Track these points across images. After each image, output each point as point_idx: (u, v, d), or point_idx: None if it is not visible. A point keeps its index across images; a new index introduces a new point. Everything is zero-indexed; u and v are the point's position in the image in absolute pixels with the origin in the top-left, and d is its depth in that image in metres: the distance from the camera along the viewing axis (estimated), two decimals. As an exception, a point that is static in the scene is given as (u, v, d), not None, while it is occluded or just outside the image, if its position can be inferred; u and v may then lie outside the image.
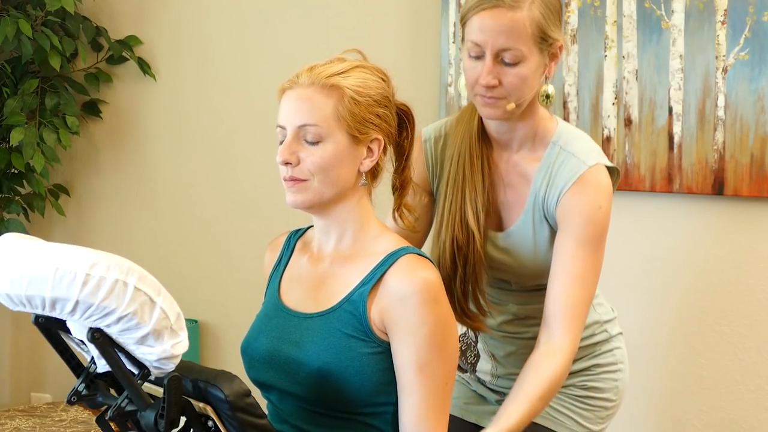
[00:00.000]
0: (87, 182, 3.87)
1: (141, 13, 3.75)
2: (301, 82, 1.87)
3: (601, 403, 2.21)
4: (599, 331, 2.22)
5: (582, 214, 2.03)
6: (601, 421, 2.22)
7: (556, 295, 2.02)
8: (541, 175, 2.07)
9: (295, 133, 1.86)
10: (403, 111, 1.96)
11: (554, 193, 2.05)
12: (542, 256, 2.09)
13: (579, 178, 2.03)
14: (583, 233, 2.02)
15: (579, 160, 2.05)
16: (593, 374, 2.21)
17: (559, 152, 2.06)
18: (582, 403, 2.19)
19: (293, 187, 1.88)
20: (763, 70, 2.86)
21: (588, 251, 2.03)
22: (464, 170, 2.11)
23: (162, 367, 1.62)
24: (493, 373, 2.25)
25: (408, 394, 1.83)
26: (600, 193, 2.04)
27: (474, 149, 2.10)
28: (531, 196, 2.08)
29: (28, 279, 1.55)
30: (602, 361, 2.21)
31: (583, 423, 2.19)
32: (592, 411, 2.20)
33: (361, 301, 1.84)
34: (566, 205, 2.03)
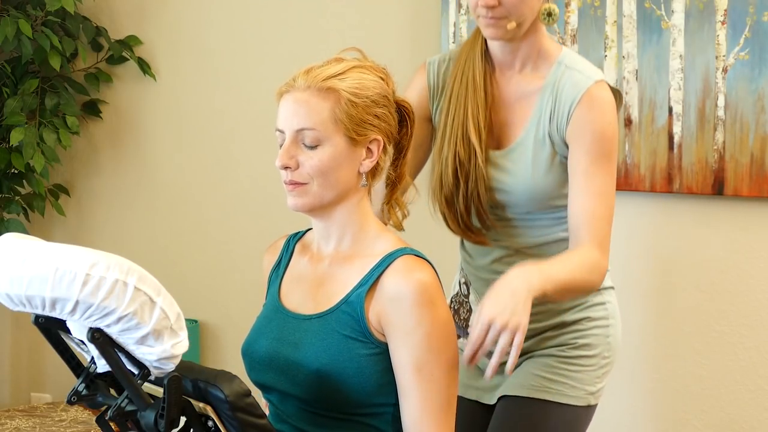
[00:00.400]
0: (87, 182, 3.87)
1: (141, 13, 3.75)
2: (298, 85, 1.87)
3: (594, 361, 2.20)
4: None
5: (594, 130, 2.08)
6: (598, 381, 2.21)
7: (578, 210, 2.08)
8: (546, 93, 2.12)
9: (294, 137, 1.86)
10: (403, 107, 1.95)
11: (563, 110, 2.10)
12: (540, 176, 2.12)
13: (586, 92, 2.08)
14: (596, 149, 2.08)
15: (584, 76, 2.11)
16: (584, 330, 2.20)
17: (565, 70, 2.12)
18: (575, 365, 2.19)
19: (293, 191, 1.88)
20: (763, 70, 2.86)
21: (603, 167, 2.09)
22: (467, 87, 2.15)
23: (162, 367, 1.62)
24: None
25: (407, 395, 1.82)
26: (609, 108, 2.10)
27: (477, 68, 2.16)
28: (534, 115, 2.12)
29: (28, 279, 1.55)
30: (593, 314, 2.20)
31: (579, 386, 2.18)
32: (587, 371, 2.19)
33: (359, 302, 1.84)
34: (577, 123, 2.09)
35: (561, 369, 2.18)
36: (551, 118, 2.11)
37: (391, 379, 1.84)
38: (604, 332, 2.21)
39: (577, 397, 2.18)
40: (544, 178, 2.12)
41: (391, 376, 1.84)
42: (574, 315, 2.20)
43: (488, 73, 2.16)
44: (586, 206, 2.08)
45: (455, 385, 1.85)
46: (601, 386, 2.22)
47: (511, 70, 2.16)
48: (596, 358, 2.20)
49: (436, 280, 1.85)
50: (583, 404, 2.18)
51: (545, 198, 2.14)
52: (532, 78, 2.14)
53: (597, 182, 2.08)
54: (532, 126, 2.13)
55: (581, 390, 2.18)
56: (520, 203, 2.15)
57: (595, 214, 2.08)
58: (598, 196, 2.08)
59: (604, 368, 2.22)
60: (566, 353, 2.18)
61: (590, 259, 2.06)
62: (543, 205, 2.15)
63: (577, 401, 2.18)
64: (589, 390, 2.19)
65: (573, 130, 2.09)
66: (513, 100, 2.15)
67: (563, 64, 2.13)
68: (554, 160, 2.13)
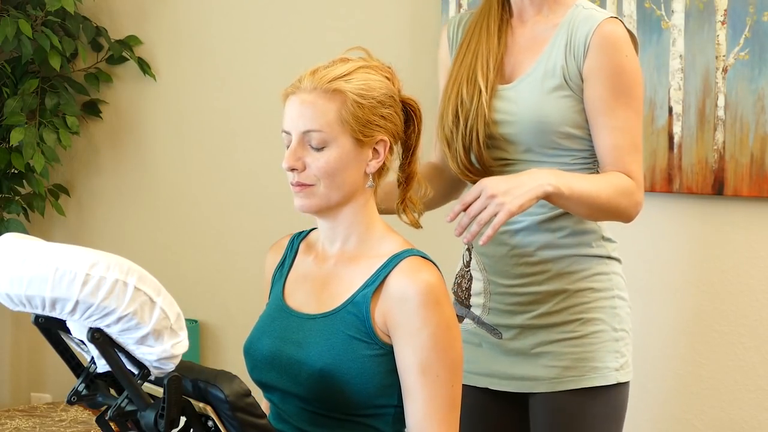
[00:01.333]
0: (87, 182, 3.87)
1: (141, 13, 3.75)
2: (304, 86, 1.87)
3: (605, 336, 2.16)
4: (599, 244, 2.18)
5: (610, 64, 2.08)
6: (619, 355, 2.17)
7: (603, 147, 2.08)
8: (561, 31, 2.12)
9: (300, 139, 1.87)
10: (410, 106, 1.96)
11: (579, 44, 2.09)
12: (545, 103, 2.10)
13: (600, 25, 2.08)
14: (615, 84, 2.08)
15: (599, 13, 2.11)
16: (588, 302, 2.15)
17: (581, 11, 2.13)
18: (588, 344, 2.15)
19: (300, 193, 1.88)
20: (763, 70, 2.86)
21: (623, 102, 2.08)
22: (480, 34, 2.17)
23: (162, 367, 1.62)
24: (486, 290, 2.21)
25: (412, 397, 1.82)
26: (624, 42, 2.09)
27: (494, 15, 2.18)
28: (546, 50, 2.13)
29: (28, 279, 1.55)
30: (597, 285, 2.16)
31: (600, 365, 2.15)
32: (601, 347, 2.15)
33: (365, 303, 1.84)
34: (594, 57, 2.08)
35: (575, 353, 2.14)
36: (567, 52, 2.10)
37: (393, 381, 1.84)
38: (610, 304, 2.17)
39: (602, 377, 2.15)
40: (549, 105, 2.10)
41: (394, 378, 1.84)
42: (577, 284, 2.15)
43: (505, 20, 2.18)
44: (609, 142, 2.08)
45: (460, 386, 1.85)
46: (624, 360, 2.18)
47: (527, 14, 2.17)
48: (607, 332, 2.16)
49: (442, 281, 1.85)
50: (611, 382, 2.15)
51: (548, 130, 2.10)
52: (549, 20, 2.15)
53: (619, 117, 2.08)
54: (543, 58, 2.12)
55: (603, 369, 2.15)
56: (521, 135, 2.12)
57: (622, 148, 2.08)
58: (621, 131, 2.08)
59: (619, 342, 2.18)
60: (575, 333, 2.15)
61: (622, 183, 2.06)
62: (545, 140, 2.11)
63: (604, 380, 2.14)
64: (612, 366, 2.16)
65: (590, 65, 2.09)
66: (528, 44, 2.16)
67: (580, 6, 2.14)
68: (562, 91, 2.11)
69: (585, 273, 2.16)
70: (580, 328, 2.15)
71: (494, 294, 2.19)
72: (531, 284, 2.16)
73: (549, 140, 2.11)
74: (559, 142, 2.11)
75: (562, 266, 2.14)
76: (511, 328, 2.18)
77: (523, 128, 2.11)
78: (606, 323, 2.16)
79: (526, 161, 2.13)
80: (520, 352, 2.17)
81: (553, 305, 2.15)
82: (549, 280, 2.15)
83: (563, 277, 2.15)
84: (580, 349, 2.14)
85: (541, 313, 2.16)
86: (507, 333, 2.18)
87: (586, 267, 2.16)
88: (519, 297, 2.17)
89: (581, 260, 2.15)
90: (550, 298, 2.15)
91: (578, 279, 2.15)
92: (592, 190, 2.03)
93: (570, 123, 2.11)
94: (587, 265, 2.16)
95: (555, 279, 2.15)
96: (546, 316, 2.15)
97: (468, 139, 2.13)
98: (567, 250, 2.15)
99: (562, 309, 2.15)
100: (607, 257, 2.18)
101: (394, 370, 1.84)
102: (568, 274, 2.15)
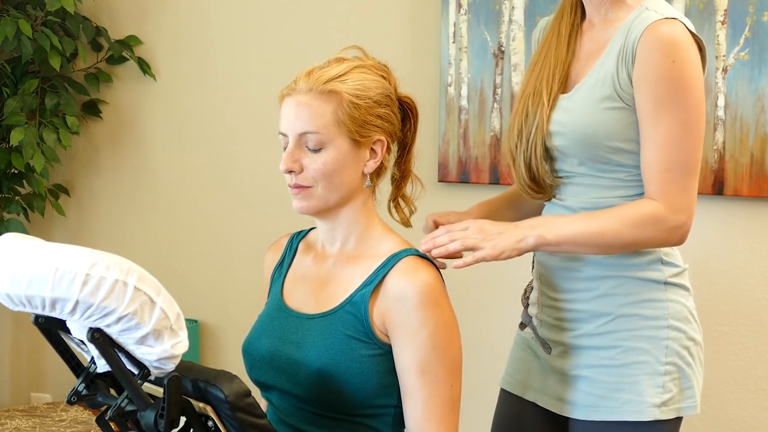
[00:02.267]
0: (87, 182, 3.87)
1: (141, 13, 3.75)
2: (300, 88, 1.86)
3: (649, 368, 1.99)
4: (654, 267, 2.02)
5: (654, 69, 1.91)
6: (661, 391, 1.99)
7: (646, 164, 1.93)
8: (619, 34, 1.98)
9: (297, 141, 1.87)
10: (406, 103, 1.95)
11: (629, 47, 1.95)
12: (594, 114, 1.97)
13: (650, 26, 1.92)
14: (659, 92, 1.91)
15: (657, 13, 1.95)
16: (633, 329, 2.00)
17: (643, 11, 1.97)
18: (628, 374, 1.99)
19: (298, 194, 1.88)
20: (763, 70, 2.86)
21: (668, 113, 1.91)
22: (551, 41, 2.07)
23: (162, 367, 1.62)
24: (539, 301, 2.11)
25: (411, 397, 1.82)
26: (673, 45, 1.90)
27: (566, 20, 2.07)
28: (602, 57, 2.00)
29: (28, 279, 1.55)
30: (646, 311, 2.00)
31: (638, 398, 1.99)
32: (642, 380, 1.99)
33: (363, 302, 1.84)
34: (640, 61, 1.92)
35: (612, 382, 2.00)
36: (619, 59, 1.96)
37: (392, 381, 1.84)
38: (660, 334, 1.99)
39: (638, 411, 1.99)
40: (597, 117, 1.96)
41: (392, 378, 1.84)
42: (624, 308, 2.00)
43: (576, 25, 2.07)
44: (651, 158, 1.92)
45: (459, 386, 1.85)
46: (668, 396, 1.99)
47: (596, 17, 2.05)
48: (650, 364, 1.99)
49: (440, 280, 1.85)
50: (646, 418, 1.98)
51: (596, 143, 1.97)
52: (611, 23, 2.02)
53: (662, 130, 1.91)
54: (598, 65, 1.99)
55: (641, 403, 1.98)
56: (572, 148, 2.00)
57: (660, 164, 1.91)
58: (664, 147, 1.90)
59: (665, 376, 2.00)
60: (614, 361, 2.00)
61: (636, 213, 1.91)
62: (594, 154, 1.98)
63: (639, 415, 1.98)
64: (651, 401, 1.98)
65: (637, 69, 1.93)
66: (592, 49, 2.04)
67: (644, 6, 1.98)
68: (612, 102, 1.96)
69: (633, 297, 2.00)
70: (620, 356, 2.00)
71: (545, 306, 2.10)
72: (577, 301, 2.04)
73: (598, 154, 1.98)
74: (608, 156, 1.98)
75: (609, 286, 2.01)
76: (558, 345, 2.07)
77: (573, 140, 1.99)
78: (650, 354, 1.99)
79: (581, 174, 2.02)
80: (562, 371, 2.06)
81: (596, 327, 2.02)
82: (595, 300, 2.02)
83: (610, 298, 2.01)
84: (617, 378, 2.00)
85: (582, 333, 2.04)
86: (555, 349, 2.08)
87: (636, 291, 2.01)
88: (565, 312, 2.05)
89: (630, 282, 2.01)
90: (594, 319, 2.02)
91: (625, 303, 2.01)
92: (592, 230, 1.92)
93: (619, 137, 1.96)
94: (637, 289, 2.01)
95: (601, 299, 2.02)
96: (588, 337, 2.03)
97: (528, 152, 2.04)
98: (616, 270, 2.01)
99: (605, 332, 2.01)
100: (664, 282, 2.01)
101: (392, 370, 1.84)
102: (615, 296, 2.01)
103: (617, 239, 1.93)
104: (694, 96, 1.92)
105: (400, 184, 1.99)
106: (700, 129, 1.94)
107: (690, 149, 1.93)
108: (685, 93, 1.91)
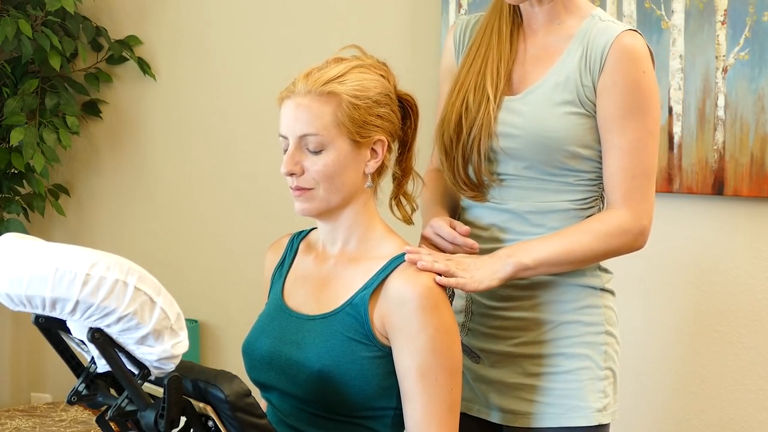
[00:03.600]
0: (87, 182, 3.87)
1: (141, 13, 3.75)
2: (298, 90, 1.86)
3: (591, 373, 2.02)
4: (594, 274, 2.05)
5: (625, 79, 1.96)
6: (603, 396, 2.03)
7: (611, 170, 1.98)
8: (576, 42, 2.01)
9: (297, 143, 1.86)
10: (407, 101, 1.95)
11: (595, 57, 1.98)
12: (552, 118, 1.99)
13: (618, 38, 1.97)
14: (629, 100, 1.96)
15: (617, 25, 2.00)
16: (575, 336, 2.03)
17: (598, 21, 2.02)
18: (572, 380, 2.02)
19: (300, 197, 1.88)
20: (763, 70, 2.86)
21: (636, 121, 1.96)
22: (490, 38, 2.08)
23: (162, 367, 1.62)
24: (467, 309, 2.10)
25: (410, 400, 1.82)
26: (642, 58, 1.97)
27: (505, 21, 2.08)
28: (559, 62, 2.02)
29: (28, 279, 1.55)
30: (587, 318, 2.03)
31: (583, 404, 2.01)
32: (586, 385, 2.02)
33: (363, 305, 1.84)
34: (609, 71, 1.97)
35: (558, 389, 2.02)
36: (582, 65, 1.99)
37: (392, 383, 1.84)
38: (599, 340, 2.04)
39: (583, 417, 2.02)
40: (556, 121, 1.98)
41: (392, 380, 1.84)
42: (566, 315, 2.03)
43: (517, 25, 2.08)
44: (617, 165, 1.97)
45: (459, 390, 1.84)
46: (607, 401, 2.04)
47: (537, 23, 2.06)
48: (592, 370, 2.03)
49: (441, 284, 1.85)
50: (591, 423, 2.01)
51: (553, 147, 1.98)
52: (561, 30, 2.04)
53: (629, 137, 1.96)
54: (555, 71, 2.01)
55: (585, 408, 2.02)
56: (524, 151, 2.00)
57: (627, 171, 1.96)
58: (630, 154, 1.96)
59: (604, 381, 2.04)
60: (559, 368, 2.02)
61: (604, 226, 1.96)
62: (550, 157, 1.99)
63: (584, 420, 2.01)
64: (594, 406, 2.02)
65: (605, 79, 1.97)
66: (539, 54, 2.05)
67: (597, 17, 2.03)
68: (572, 107, 1.99)
69: (575, 304, 2.03)
70: (564, 363, 2.02)
71: (476, 315, 2.08)
72: (517, 309, 2.04)
73: (553, 158, 2.00)
74: (564, 161, 2.00)
75: (551, 294, 2.03)
76: (491, 354, 2.06)
77: (527, 143, 2.00)
78: (591, 360, 2.03)
79: (526, 177, 2.02)
80: (499, 381, 2.06)
81: (538, 334, 2.03)
82: (536, 307, 2.03)
83: (552, 305, 2.03)
84: (563, 385, 2.02)
85: (524, 341, 2.04)
86: (488, 358, 2.07)
87: (577, 298, 2.04)
88: (503, 321, 2.05)
89: (573, 290, 2.03)
90: (536, 327, 2.03)
91: (568, 310, 2.03)
92: (564, 248, 1.95)
93: (577, 142, 1.99)
94: (578, 295, 2.04)
95: (543, 306, 2.03)
96: (530, 345, 2.04)
97: (469, 149, 2.03)
98: (559, 277, 2.02)
99: (548, 340, 2.03)
100: (601, 289, 2.06)
101: (392, 372, 1.84)
102: (558, 303, 2.03)
103: (590, 254, 1.97)
104: (657, 105, 2.00)
105: (402, 182, 1.99)
106: (658, 137, 2.01)
107: (653, 156, 1.99)
108: (651, 102, 1.98)
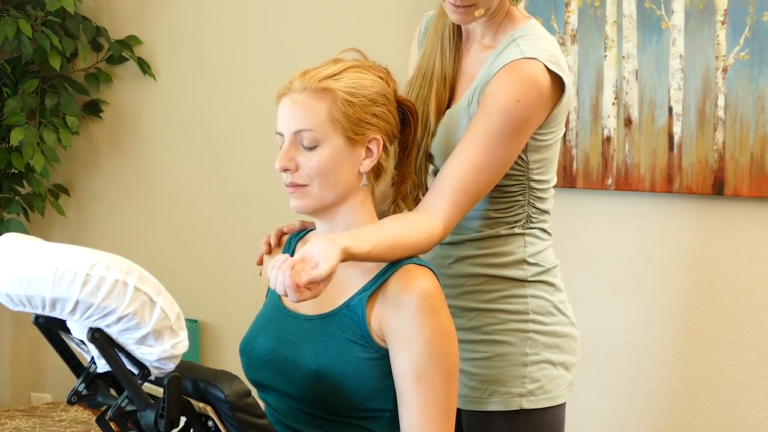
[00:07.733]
0: (87, 182, 3.87)
1: (141, 13, 3.75)
2: (295, 87, 1.87)
3: (512, 359, 2.06)
4: (518, 267, 2.08)
5: (497, 102, 1.94)
6: (527, 381, 2.06)
7: (448, 173, 1.94)
8: (487, 63, 2.02)
9: (292, 139, 1.87)
10: (406, 106, 1.95)
11: (488, 79, 1.98)
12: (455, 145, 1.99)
13: (509, 64, 1.95)
14: (492, 122, 1.94)
15: (520, 51, 1.97)
16: (497, 324, 2.06)
17: (510, 43, 2.01)
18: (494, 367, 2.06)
19: (294, 193, 1.88)
20: (763, 70, 2.86)
21: (493, 143, 1.93)
22: (434, 65, 2.10)
23: (162, 367, 1.62)
24: None
25: (407, 403, 1.82)
26: (524, 85, 1.94)
27: (446, 44, 2.09)
28: (474, 82, 2.03)
29: (28, 279, 1.55)
30: (509, 307, 2.06)
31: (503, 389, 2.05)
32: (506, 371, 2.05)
33: (361, 307, 1.84)
34: (487, 90, 1.96)
35: (482, 375, 2.06)
36: (477, 87, 2.01)
37: (389, 385, 1.84)
38: (523, 327, 2.06)
39: (503, 402, 2.06)
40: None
41: (389, 382, 1.84)
42: (489, 304, 2.06)
43: (457, 46, 2.09)
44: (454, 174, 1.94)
45: (455, 393, 1.84)
46: (534, 386, 2.06)
47: (473, 40, 2.09)
48: (515, 356, 2.06)
49: (439, 288, 1.85)
50: (512, 408, 2.05)
51: None
52: (486, 48, 2.06)
53: (479, 153, 1.93)
54: (470, 92, 2.02)
55: (505, 393, 2.06)
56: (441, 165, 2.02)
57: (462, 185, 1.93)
58: (474, 168, 1.93)
59: (528, 366, 2.06)
60: (482, 353, 2.06)
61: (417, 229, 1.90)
62: None
63: (504, 405, 2.05)
64: (515, 392, 2.05)
65: (485, 92, 1.97)
66: (468, 70, 2.08)
67: (513, 37, 2.01)
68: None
69: (496, 294, 2.07)
70: (487, 349, 2.06)
71: None
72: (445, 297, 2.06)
73: None
74: None
75: (475, 283, 2.07)
76: None
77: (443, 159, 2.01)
78: (515, 346, 2.06)
79: None
80: None
81: (465, 321, 2.07)
82: (462, 296, 2.07)
83: (476, 294, 2.07)
84: (486, 371, 2.06)
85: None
86: None
87: (499, 288, 2.07)
88: None
89: (494, 280, 2.07)
90: (463, 314, 2.07)
91: (489, 299, 2.07)
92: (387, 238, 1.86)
93: None
94: (500, 286, 2.07)
95: (467, 295, 2.07)
96: (458, 332, 2.01)
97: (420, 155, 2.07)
98: (482, 269, 2.06)
99: (473, 327, 2.07)
100: (525, 281, 2.07)
101: (389, 374, 1.84)
102: (481, 293, 2.07)
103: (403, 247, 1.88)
104: (518, 139, 1.96)
105: (400, 187, 1.99)
106: (505, 169, 1.98)
107: (490, 183, 1.97)
108: (514, 134, 1.95)
